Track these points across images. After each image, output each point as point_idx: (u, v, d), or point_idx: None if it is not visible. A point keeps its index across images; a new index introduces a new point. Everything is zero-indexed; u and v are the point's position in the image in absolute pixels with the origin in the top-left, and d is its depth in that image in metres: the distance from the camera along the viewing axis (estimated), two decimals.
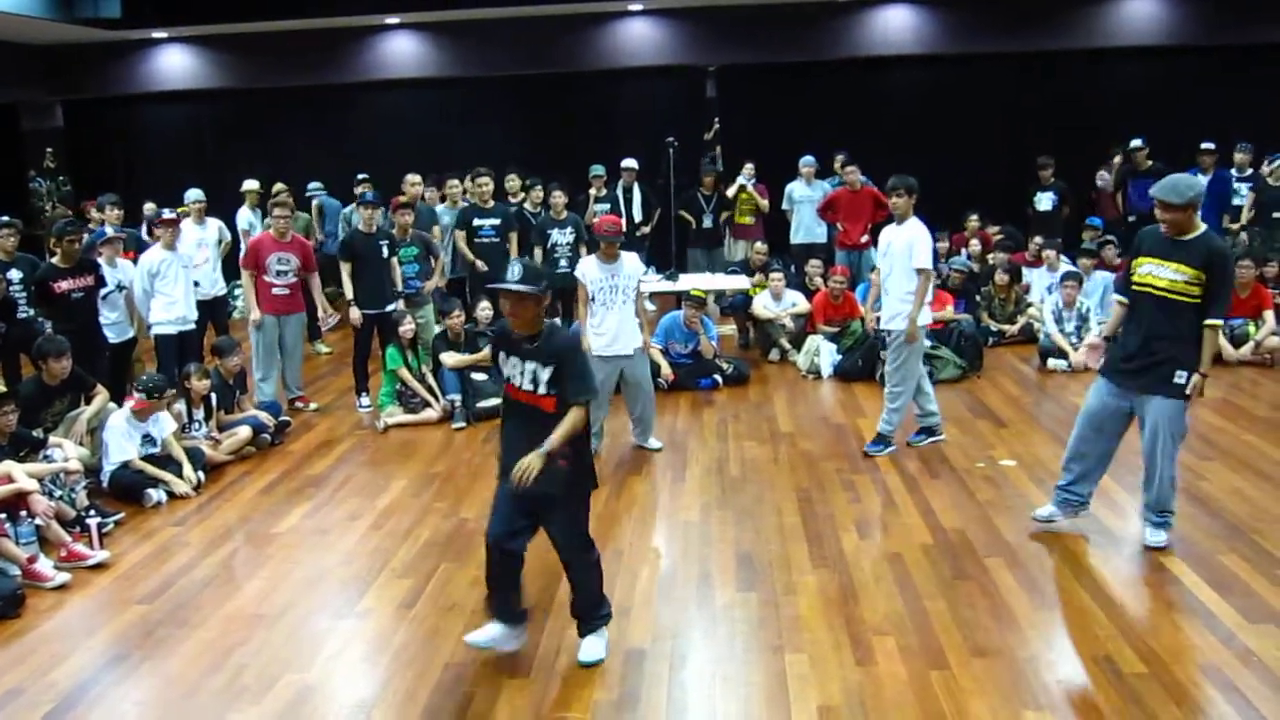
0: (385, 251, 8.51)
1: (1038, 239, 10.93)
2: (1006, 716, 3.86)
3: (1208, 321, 5.00)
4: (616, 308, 6.86)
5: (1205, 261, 4.95)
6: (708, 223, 11.29)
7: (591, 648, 4.42)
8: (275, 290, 8.28)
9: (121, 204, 9.73)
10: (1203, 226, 5.09)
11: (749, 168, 11.93)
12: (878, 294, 7.10)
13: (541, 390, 4.17)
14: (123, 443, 6.61)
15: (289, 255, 8.35)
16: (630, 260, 6.96)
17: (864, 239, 10.68)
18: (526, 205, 10.00)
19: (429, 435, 7.85)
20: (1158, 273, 5.08)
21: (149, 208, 11.10)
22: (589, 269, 6.88)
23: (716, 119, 13.17)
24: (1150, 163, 11.36)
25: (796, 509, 6.05)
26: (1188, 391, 5.04)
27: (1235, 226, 10.86)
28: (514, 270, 4.17)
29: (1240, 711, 3.82)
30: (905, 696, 4.02)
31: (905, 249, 6.63)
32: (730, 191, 11.62)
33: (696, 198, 11.35)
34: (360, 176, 11.08)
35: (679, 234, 11.66)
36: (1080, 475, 5.49)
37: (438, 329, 8.74)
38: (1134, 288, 5.22)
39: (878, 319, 7.05)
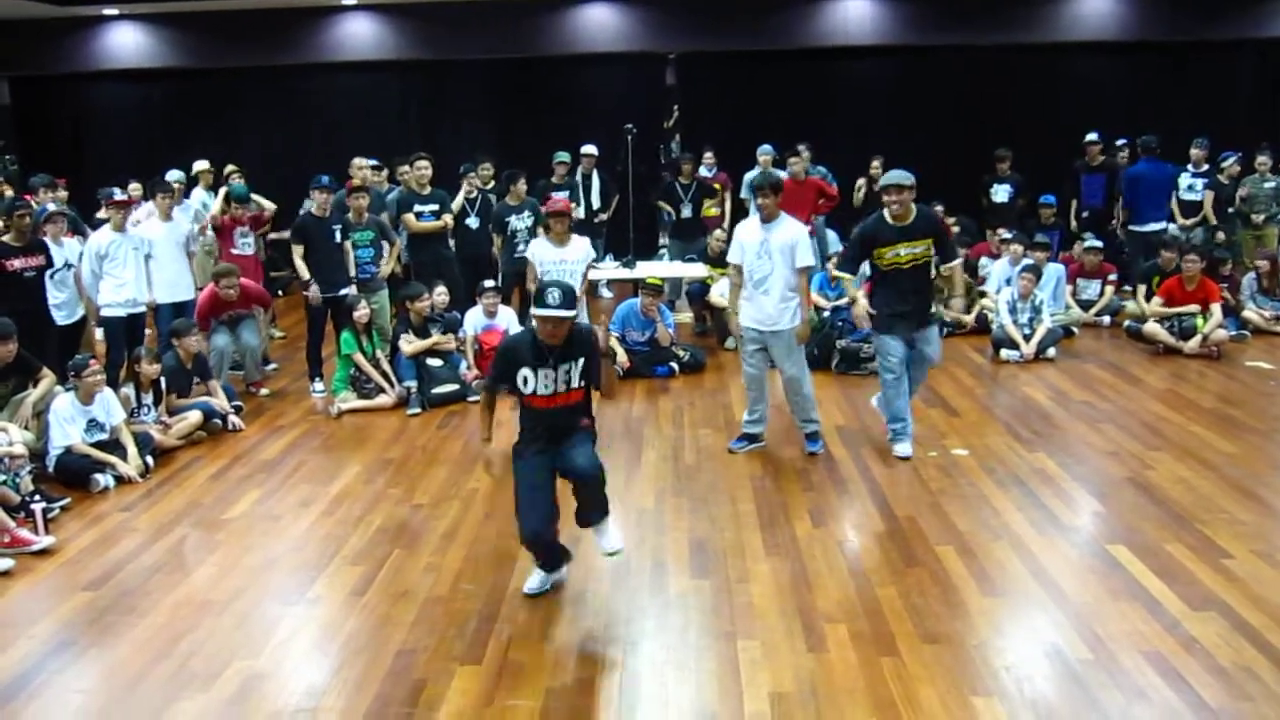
0: (338, 235, 8.41)
1: (1002, 231, 11.02)
2: (955, 702, 3.91)
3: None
4: None
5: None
6: (686, 212, 11.24)
7: (614, 536, 4.76)
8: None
9: (54, 185, 9.55)
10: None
11: (709, 155, 11.91)
12: (737, 294, 6.91)
13: (575, 384, 4.56)
14: (65, 427, 6.50)
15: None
16: (580, 244, 6.94)
17: (806, 228, 10.73)
18: (461, 193, 9.91)
19: (383, 421, 7.80)
20: (903, 253, 6.47)
21: (135, 187, 10.77)
22: (540, 250, 6.93)
23: (676, 106, 13.15)
24: (1103, 158, 11.49)
25: (751, 496, 6.08)
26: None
27: (1190, 222, 11.02)
28: (554, 295, 4.38)
29: (1183, 696, 3.89)
30: (856, 682, 4.05)
31: (786, 249, 6.50)
32: None
33: (675, 187, 11.29)
34: (373, 163, 10.75)
35: (648, 223, 11.63)
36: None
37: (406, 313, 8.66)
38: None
39: (738, 324, 6.87)
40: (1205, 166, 11.04)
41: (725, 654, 4.30)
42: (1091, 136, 11.51)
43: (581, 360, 4.54)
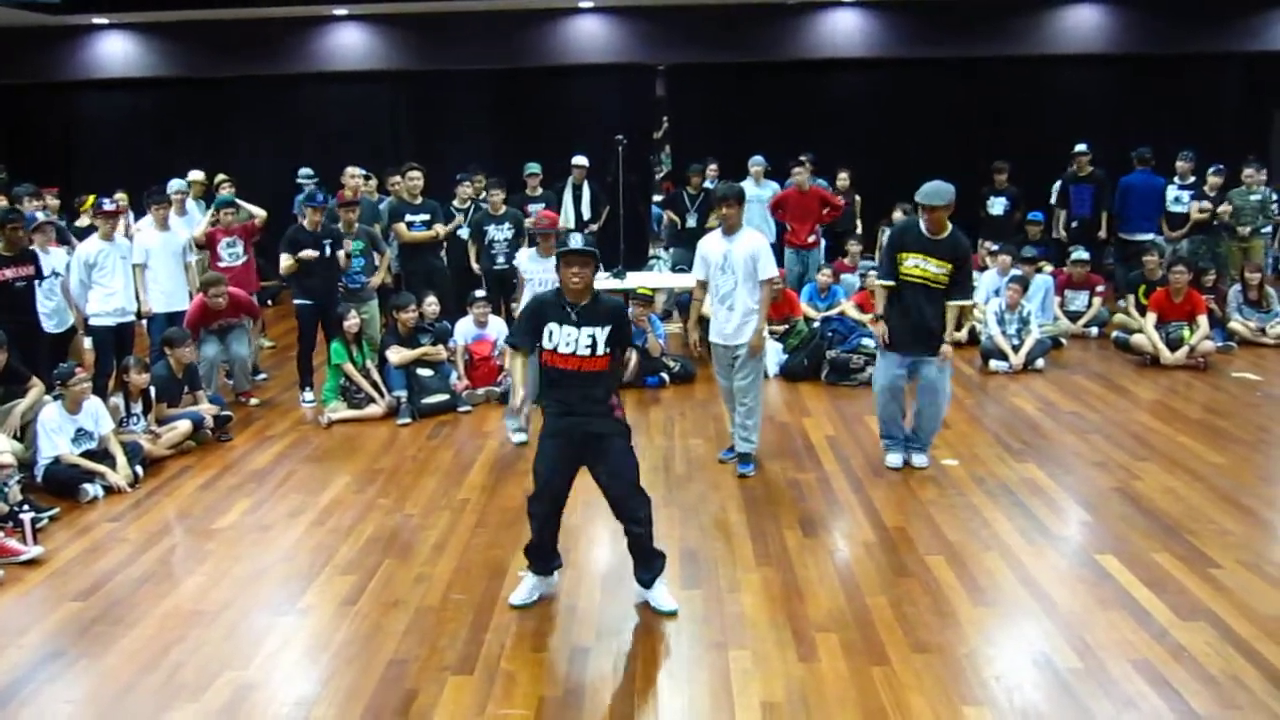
0: (328, 250, 8.38)
1: (988, 243, 11.08)
2: (945, 711, 3.92)
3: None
4: None
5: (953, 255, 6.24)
6: (691, 222, 11.27)
7: (665, 596, 4.78)
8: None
9: (38, 194, 9.55)
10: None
11: (713, 167, 11.96)
12: (699, 311, 6.84)
13: (600, 351, 4.60)
14: (53, 437, 6.47)
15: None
16: None
17: (810, 239, 10.77)
18: (454, 203, 9.95)
19: (373, 431, 7.79)
20: (923, 266, 6.26)
21: (120, 196, 10.71)
22: (525, 260, 7.15)
23: (666, 118, 13.18)
24: (1091, 169, 11.55)
25: (741, 506, 6.09)
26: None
27: (1177, 234, 11.08)
28: (576, 239, 4.62)
29: (1172, 705, 3.91)
30: (847, 692, 4.06)
31: (748, 261, 6.36)
32: None
33: (682, 196, 11.36)
34: (362, 173, 10.65)
35: (639, 233, 11.59)
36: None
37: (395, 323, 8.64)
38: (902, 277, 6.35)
39: (701, 340, 6.83)
40: (1191, 179, 11.11)
41: (717, 664, 4.31)
42: (1080, 147, 11.57)
43: (608, 328, 4.58)
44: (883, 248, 6.64)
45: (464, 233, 9.76)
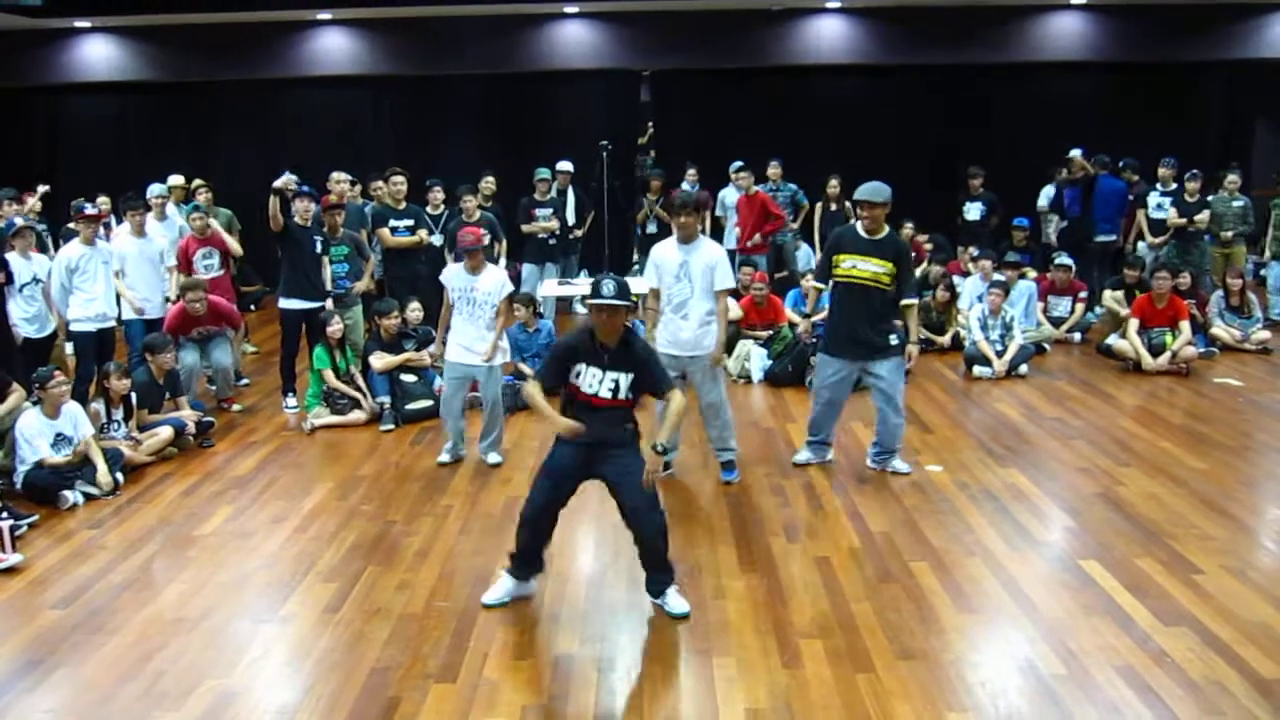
0: (318, 247, 8.35)
1: (972, 250, 11.13)
2: (930, 718, 3.91)
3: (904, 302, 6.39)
4: (472, 320, 6.83)
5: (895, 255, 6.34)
6: (652, 229, 11.27)
7: (675, 600, 4.79)
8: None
9: (18, 199, 9.49)
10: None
11: (691, 172, 11.94)
12: (655, 320, 6.53)
13: (621, 396, 4.68)
14: (33, 442, 6.41)
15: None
16: (492, 276, 6.87)
17: (749, 244, 10.79)
18: (427, 209, 9.93)
19: (356, 437, 7.75)
20: (861, 266, 6.32)
21: (103, 200, 10.63)
22: (451, 277, 6.92)
23: (650, 123, 13.17)
24: (1080, 174, 11.59)
25: (725, 513, 6.08)
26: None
27: (1158, 240, 11.15)
28: (609, 286, 4.56)
29: (1154, 711, 3.92)
30: (831, 699, 4.06)
31: (706, 271, 6.26)
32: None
33: (644, 203, 11.35)
34: (348, 178, 10.60)
35: (623, 239, 11.59)
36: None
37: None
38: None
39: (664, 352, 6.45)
40: (1173, 185, 11.17)
41: (701, 671, 4.30)
42: (1075, 152, 11.63)
43: (631, 375, 4.64)
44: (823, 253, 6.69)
45: (437, 239, 9.73)
